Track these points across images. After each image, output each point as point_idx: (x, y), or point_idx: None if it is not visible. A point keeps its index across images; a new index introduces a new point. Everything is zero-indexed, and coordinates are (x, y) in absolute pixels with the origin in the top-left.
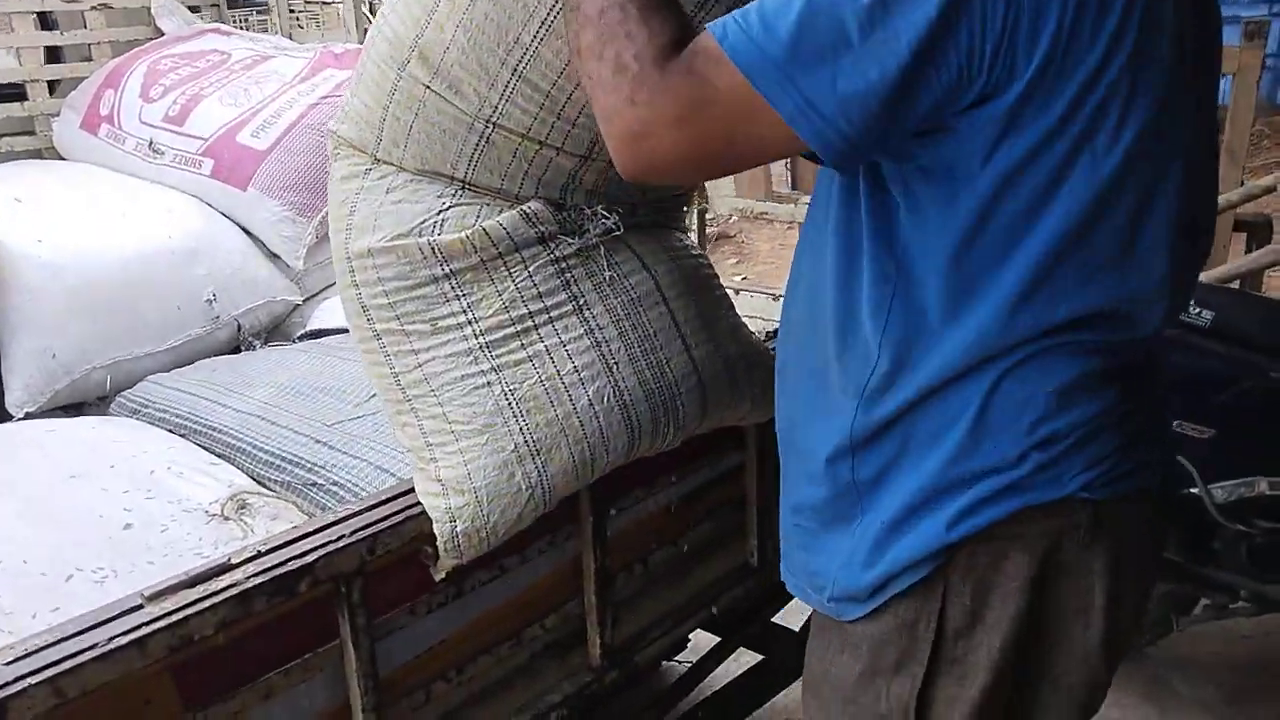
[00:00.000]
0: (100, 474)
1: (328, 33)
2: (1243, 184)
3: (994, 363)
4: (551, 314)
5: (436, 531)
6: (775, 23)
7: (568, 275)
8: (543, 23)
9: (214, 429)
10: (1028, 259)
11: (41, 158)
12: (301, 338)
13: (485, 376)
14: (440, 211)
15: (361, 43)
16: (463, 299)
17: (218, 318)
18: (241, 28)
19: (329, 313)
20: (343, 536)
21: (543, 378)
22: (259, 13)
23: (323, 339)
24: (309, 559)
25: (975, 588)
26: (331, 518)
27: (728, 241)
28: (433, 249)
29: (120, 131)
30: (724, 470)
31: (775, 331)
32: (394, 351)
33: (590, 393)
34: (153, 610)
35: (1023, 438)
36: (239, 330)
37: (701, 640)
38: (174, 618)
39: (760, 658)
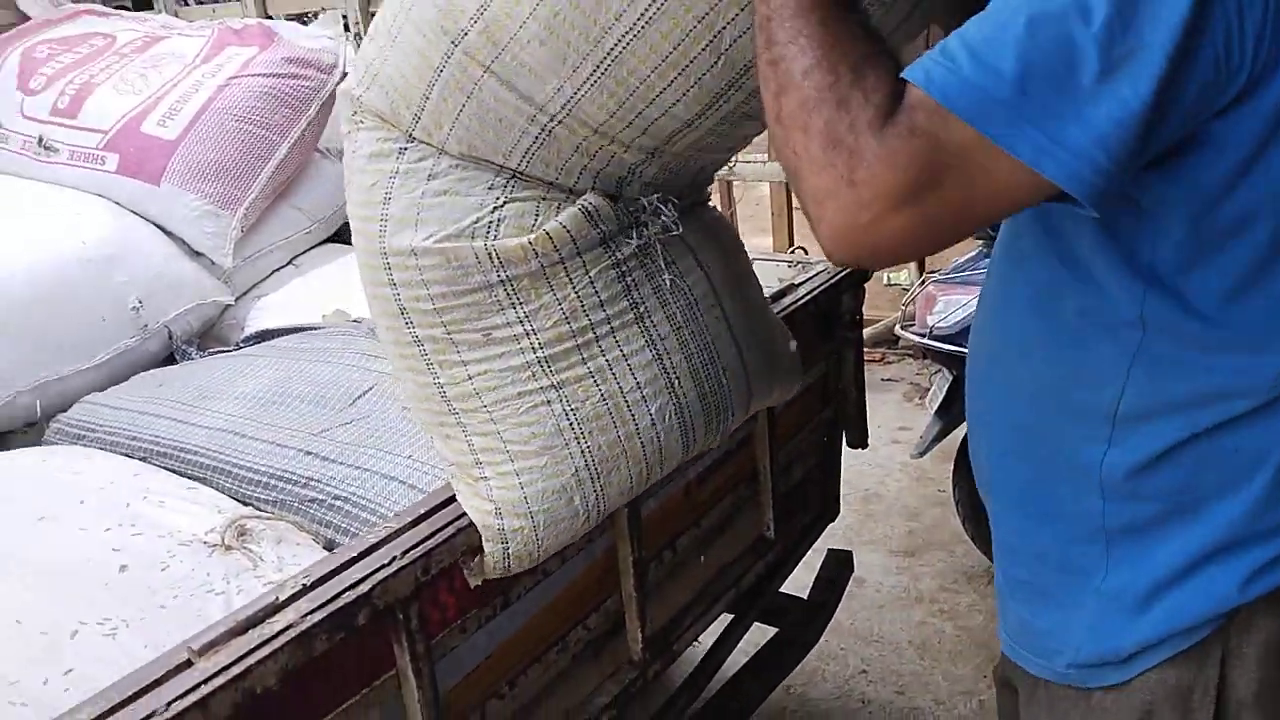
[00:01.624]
0: (71, 512)
1: (218, 8)
2: None
3: None
4: (614, 324)
5: (487, 550)
6: (989, 56)
7: (629, 280)
8: (641, 15)
9: (180, 449)
10: None
11: None
12: (246, 340)
13: (545, 394)
14: (495, 209)
15: (262, 15)
16: (519, 307)
17: (146, 326)
18: None
19: (268, 311)
20: (395, 559)
21: (605, 395)
22: None
23: (274, 341)
24: (364, 588)
25: (1263, 651)
26: (374, 539)
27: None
28: (489, 254)
29: (2, 130)
30: (735, 444)
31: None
32: (438, 360)
33: (653, 410)
34: (207, 666)
35: None
36: (171, 338)
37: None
38: (234, 671)
39: (773, 630)
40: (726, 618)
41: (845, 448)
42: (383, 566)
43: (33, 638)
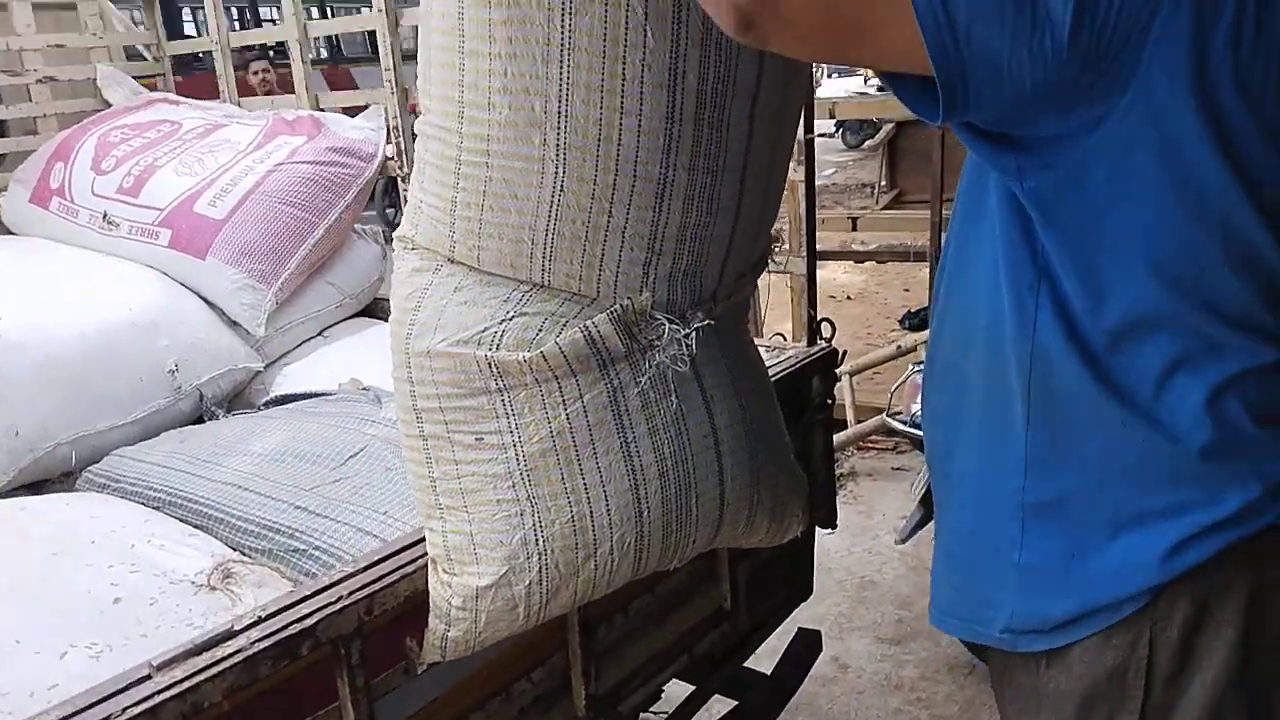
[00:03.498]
0: (82, 550)
1: (277, 99)
2: None
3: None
4: (597, 449)
5: (430, 624)
6: None
7: (621, 407)
8: (561, 86)
9: (189, 500)
10: None
11: None
12: (268, 404)
13: (520, 506)
14: (503, 320)
15: (313, 107)
16: (511, 418)
17: (180, 388)
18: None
19: (292, 378)
20: (340, 599)
21: (575, 517)
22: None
23: (291, 405)
24: (309, 622)
25: (1183, 628)
26: (326, 580)
27: None
28: (490, 364)
29: (73, 204)
30: None
31: None
32: (437, 456)
33: (614, 538)
34: (161, 680)
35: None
36: (201, 399)
37: (675, 691)
38: (184, 685)
39: (733, 704)
40: (688, 688)
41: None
42: (329, 604)
43: (27, 656)
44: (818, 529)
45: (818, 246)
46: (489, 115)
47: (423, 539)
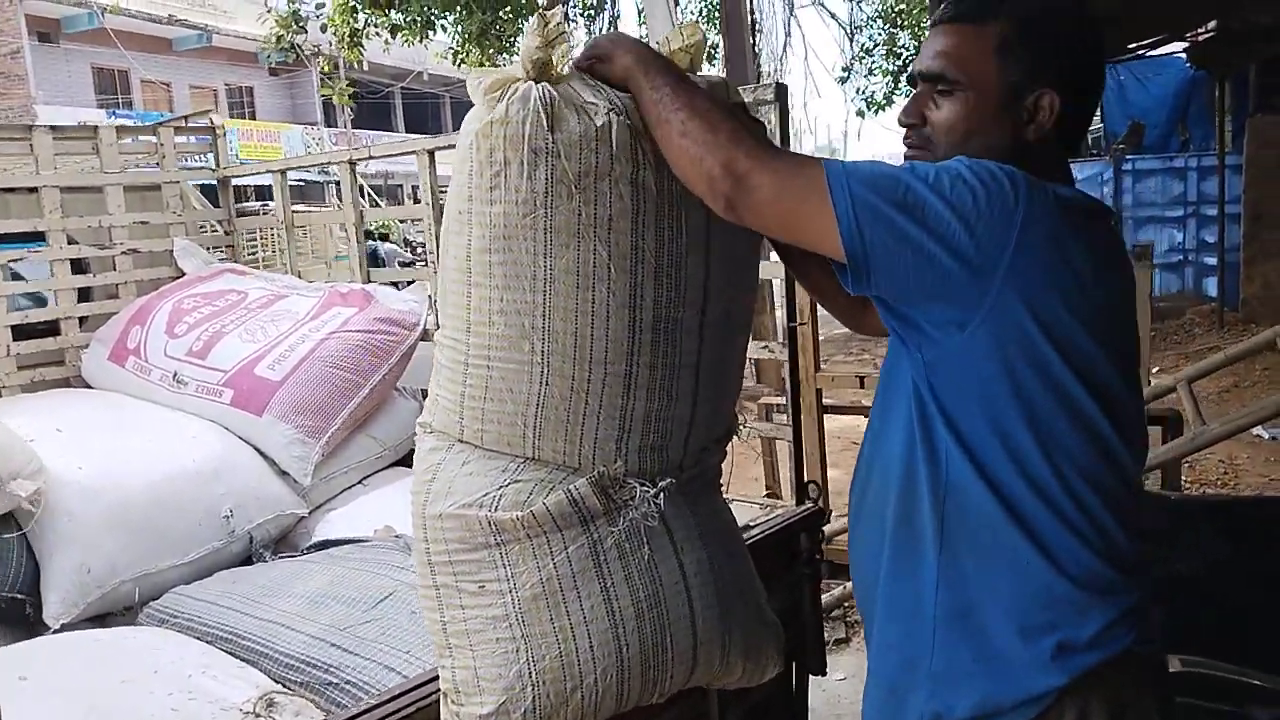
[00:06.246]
0: (146, 679)
1: (334, 271)
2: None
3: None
4: (581, 594)
5: None
6: (863, 168)
7: (601, 557)
8: (545, 308)
9: (239, 635)
10: None
11: (69, 385)
12: (310, 548)
13: (515, 643)
14: (501, 487)
15: (364, 281)
16: (507, 568)
17: (234, 531)
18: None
19: (333, 524)
20: None
21: (563, 652)
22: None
23: (331, 549)
24: None
25: None
26: (351, 710)
27: None
28: (489, 522)
29: (147, 364)
30: None
31: None
32: (446, 602)
33: (598, 672)
34: None
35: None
36: (251, 542)
37: None
38: None
39: None
40: None
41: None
42: None
43: None
44: (813, 677)
45: (830, 401)
46: (489, 330)
47: (435, 677)
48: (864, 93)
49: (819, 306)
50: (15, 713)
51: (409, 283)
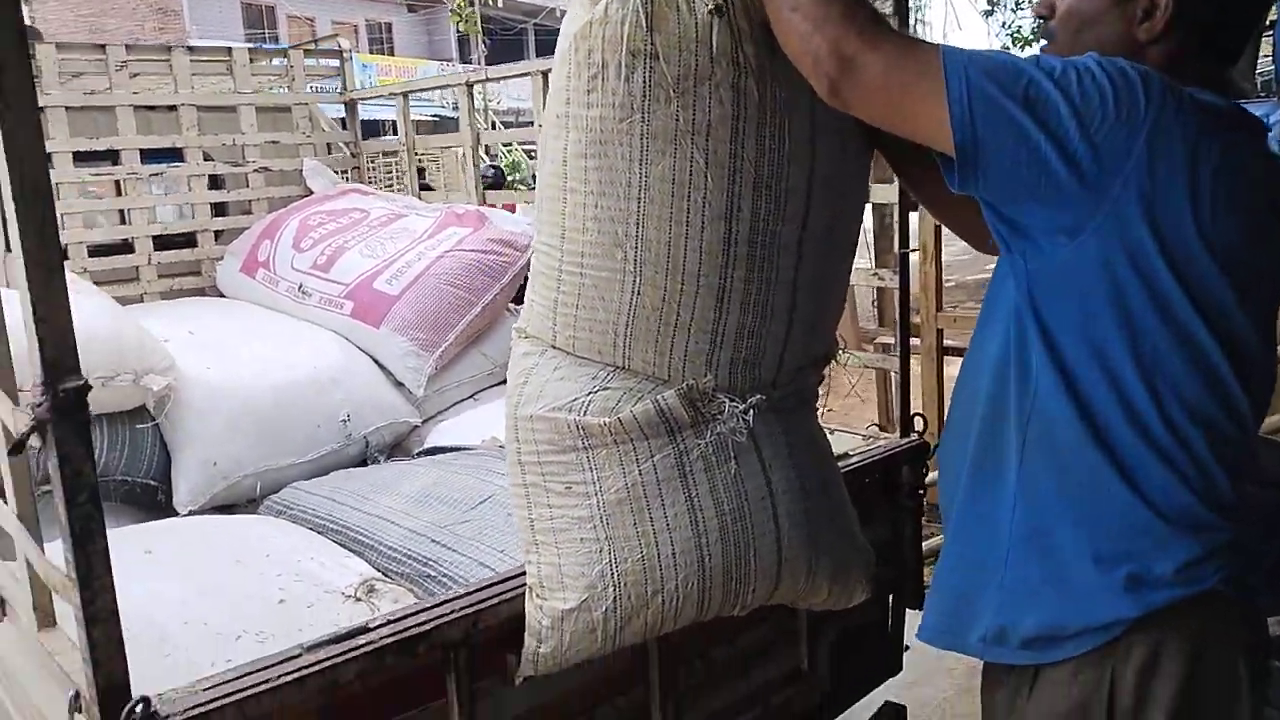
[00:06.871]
0: (258, 561)
1: (451, 194)
2: None
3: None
4: (665, 502)
5: (526, 643)
6: (985, 57)
7: (686, 468)
8: (639, 216)
9: (347, 528)
10: None
11: (204, 295)
12: (420, 454)
13: (599, 544)
14: (590, 393)
15: (480, 203)
16: (593, 471)
17: (350, 435)
18: (371, 168)
19: (443, 433)
20: (454, 612)
21: (644, 557)
22: (386, 155)
23: (437, 456)
24: (426, 628)
25: (1139, 672)
26: (443, 598)
27: None
28: (577, 426)
29: (275, 276)
30: None
31: None
32: (534, 502)
33: (679, 579)
34: (309, 659)
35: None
36: (367, 446)
37: None
38: (325, 665)
39: None
40: None
41: None
42: (443, 616)
43: (210, 637)
44: (911, 613)
45: (952, 343)
46: (583, 237)
47: (524, 572)
48: (1010, 27)
49: (942, 243)
50: (139, 581)
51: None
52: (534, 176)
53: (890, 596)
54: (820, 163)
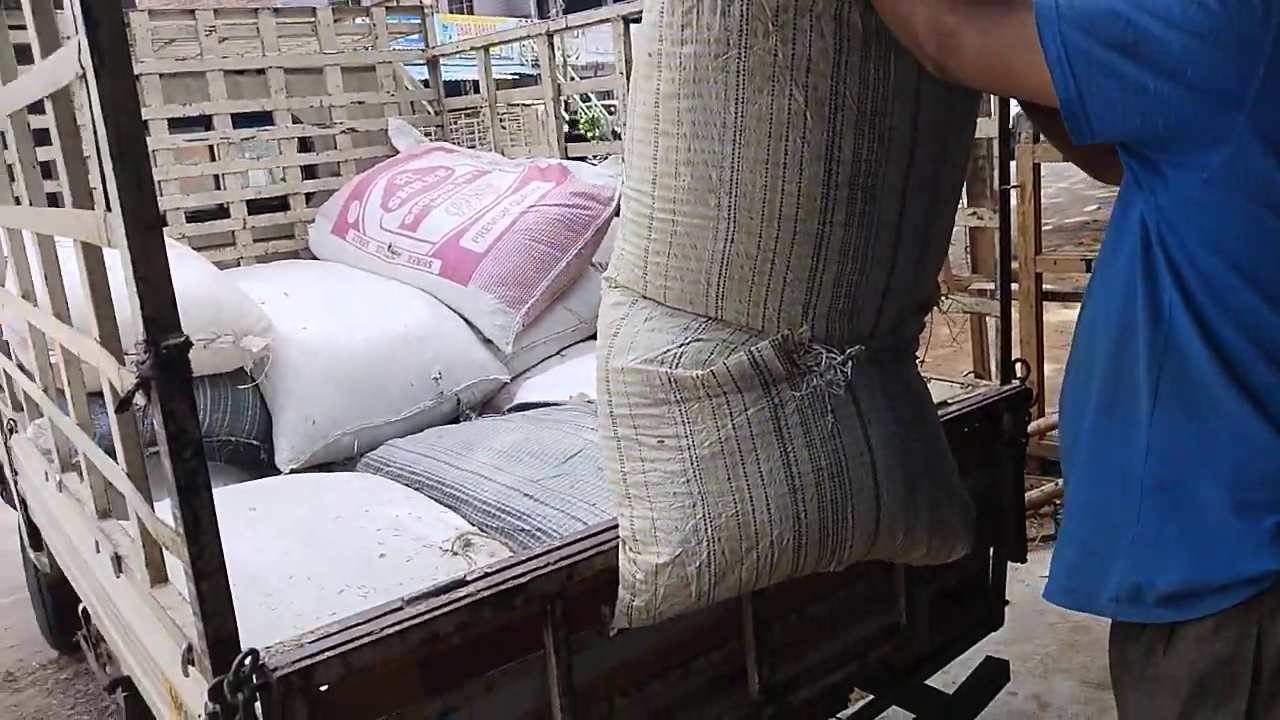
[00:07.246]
0: (358, 517)
1: (533, 148)
2: None
3: None
4: (760, 456)
5: (620, 596)
6: (1079, 6)
7: (781, 422)
8: (734, 159)
9: (443, 483)
10: None
11: (298, 258)
12: (510, 410)
13: (693, 499)
14: (682, 345)
15: (562, 156)
16: (686, 425)
17: (442, 393)
18: (454, 127)
19: (531, 390)
20: (548, 565)
21: (739, 512)
22: (468, 115)
23: (528, 412)
24: (522, 580)
25: None
26: (539, 550)
27: None
28: (669, 379)
29: (364, 236)
30: None
31: None
32: (626, 454)
33: (774, 535)
34: (410, 611)
35: None
36: (458, 404)
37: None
38: (426, 617)
39: (913, 717)
40: (868, 696)
41: None
42: (539, 569)
43: (314, 591)
44: (1014, 567)
45: (1053, 288)
46: (675, 182)
47: (616, 525)
48: None
49: (1041, 184)
50: (244, 539)
51: (604, 157)
52: (614, 133)
53: (991, 549)
54: (927, 100)
